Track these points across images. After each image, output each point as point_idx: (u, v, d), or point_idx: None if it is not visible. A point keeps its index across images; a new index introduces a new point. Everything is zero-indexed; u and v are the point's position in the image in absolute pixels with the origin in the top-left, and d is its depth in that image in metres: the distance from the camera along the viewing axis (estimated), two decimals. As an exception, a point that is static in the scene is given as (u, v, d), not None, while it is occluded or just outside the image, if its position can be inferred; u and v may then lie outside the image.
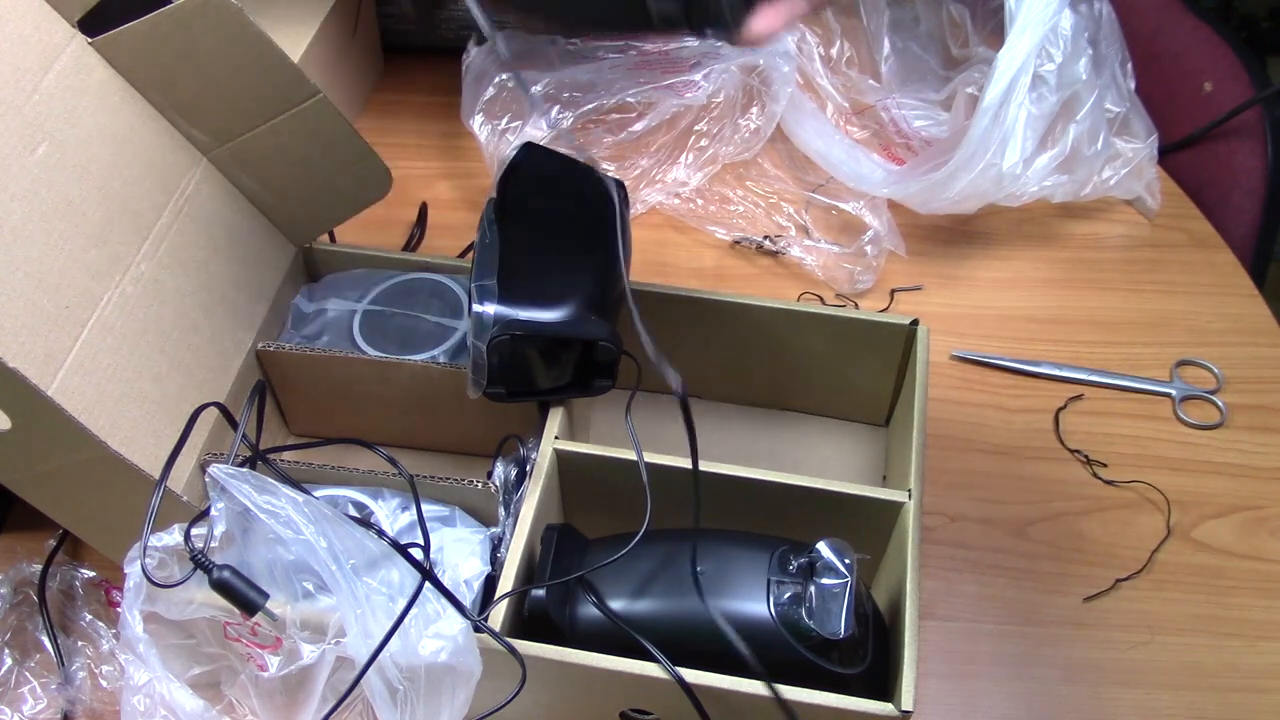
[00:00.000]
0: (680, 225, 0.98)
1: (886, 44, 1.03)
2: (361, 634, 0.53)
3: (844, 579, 0.56)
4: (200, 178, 0.72)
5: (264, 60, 0.68)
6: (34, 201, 0.60)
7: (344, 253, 0.80)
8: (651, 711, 0.60)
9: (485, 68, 0.97)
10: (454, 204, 1.00)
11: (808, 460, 0.80)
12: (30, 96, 0.62)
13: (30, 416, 0.56)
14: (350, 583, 0.54)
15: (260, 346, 0.73)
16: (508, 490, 0.66)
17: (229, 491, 0.55)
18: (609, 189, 0.72)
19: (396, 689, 0.53)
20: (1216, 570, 0.75)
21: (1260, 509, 0.78)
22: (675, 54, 1.01)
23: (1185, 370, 0.87)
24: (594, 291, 0.64)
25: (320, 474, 0.66)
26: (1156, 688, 0.69)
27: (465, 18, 1.10)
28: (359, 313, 0.77)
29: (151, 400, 0.63)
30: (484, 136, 0.94)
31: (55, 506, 0.63)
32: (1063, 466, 0.81)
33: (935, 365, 0.86)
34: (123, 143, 0.66)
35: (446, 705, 0.54)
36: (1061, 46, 0.86)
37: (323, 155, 0.73)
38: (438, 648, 0.54)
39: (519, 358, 0.64)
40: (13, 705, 0.66)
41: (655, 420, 0.81)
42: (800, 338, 0.75)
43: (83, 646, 0.68)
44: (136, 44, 0.66)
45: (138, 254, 0.66)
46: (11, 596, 0.69)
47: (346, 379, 0.74)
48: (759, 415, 0.83)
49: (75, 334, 0.60)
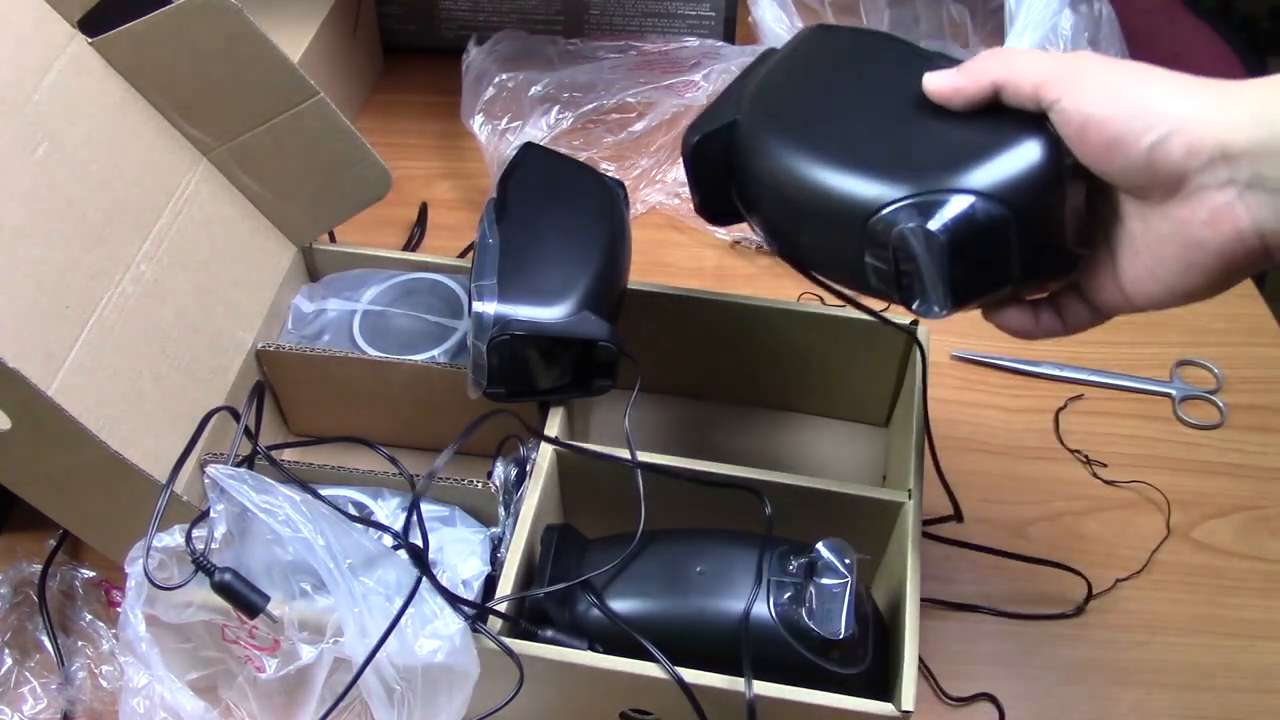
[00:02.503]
0: (680, 225, 0.98)
1: (886, 44, 1.03)
2: (359, 634, 0.53)
3: (844, 579, 0.56)
4: (200, 178, 0.72)
5: (264, 60, 0.68)
6: (34, 201, 0.60)
7: (344, 253, 0.80)
8: (651, 711, 0.60)
9: (485, 68, 0.97)
10: (454, 204, 1.00)
11: (808, 460, 0.80)
12: (30, 96, 0.62)
13: (30, 416, 0.56)
14: (348, 582, 0.54)
15: (260, 346, 0.73)
16: (508, 490, 0.66)
17: (227, 492, 0.55)
18: (609, 189, 0.72)
19: (394, 689, 0.53)
20: (1216, 570, 0.75)
21: (1260, 509, 0.78)
22: (675, 54, 1.02)
23: (1185, 370, 0.87)
24: (594, 291, 0.64)
25: (320, 474, 0.66)
26: (1156, 688, 0.69)
27: (465, 17, 1.10)
28: (359, 313, 0.77)
29: (151, 400, 0.63)
30: (484, 136, 0.94)
31: (55, 506, 0.63)
32: (1063, 466, 0.81)
33: (935, 365, 0.85)
34: (123, 143, 0.66)
35: (444, 706, 0.54)
36: (1061, 46, 0.86)
37: (323, 155, 0.73)
38: (435, 648, 0.54)
39: (519, 358, 0.64)
40: (13, 705, 0.66)
41: (655, 420, 0.81)
42: (800, 338, 0.75)
43: (83, 646, 0.68)
44: (136, 44, 0.66)
45: (138, 254, 0.66)
46: (11, 596, 0.69)
47: (346, 379, 0.74)
48: (759, 415, 0.82)
49: (75, 334, 0.60)
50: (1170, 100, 0.43)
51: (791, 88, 0.55)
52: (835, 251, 0.53)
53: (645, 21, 1.08)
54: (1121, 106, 0.44)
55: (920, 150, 0.49)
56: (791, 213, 0.53)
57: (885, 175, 0.48)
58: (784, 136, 0.53)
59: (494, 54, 0.99)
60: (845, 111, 0.53)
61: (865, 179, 0.49)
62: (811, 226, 0.53)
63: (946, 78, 0.49)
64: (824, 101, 0.54)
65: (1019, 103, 0.47)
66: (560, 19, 1.08)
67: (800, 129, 0.52)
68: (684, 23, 1.08)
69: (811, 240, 0.54)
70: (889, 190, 0.48)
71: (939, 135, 0.49)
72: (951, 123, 0.49)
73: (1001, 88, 0.47)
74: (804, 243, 0.55)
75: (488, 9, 1.09)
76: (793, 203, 0.52)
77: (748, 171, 0.55)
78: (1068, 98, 0.45)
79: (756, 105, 0.55)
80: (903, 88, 0.51)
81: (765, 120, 0.54)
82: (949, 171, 0.47)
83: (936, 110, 0.50)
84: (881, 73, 0.54)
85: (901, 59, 0.53)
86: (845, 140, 0.51)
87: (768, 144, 0.53)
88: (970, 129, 0.48)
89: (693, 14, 1.07)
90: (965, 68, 0.49)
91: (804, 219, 0.53)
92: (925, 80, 0.50)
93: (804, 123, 0.53)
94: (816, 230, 0.53)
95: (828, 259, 0.55)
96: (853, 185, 0.49)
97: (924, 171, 0.48)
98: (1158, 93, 0.44)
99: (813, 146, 0.51)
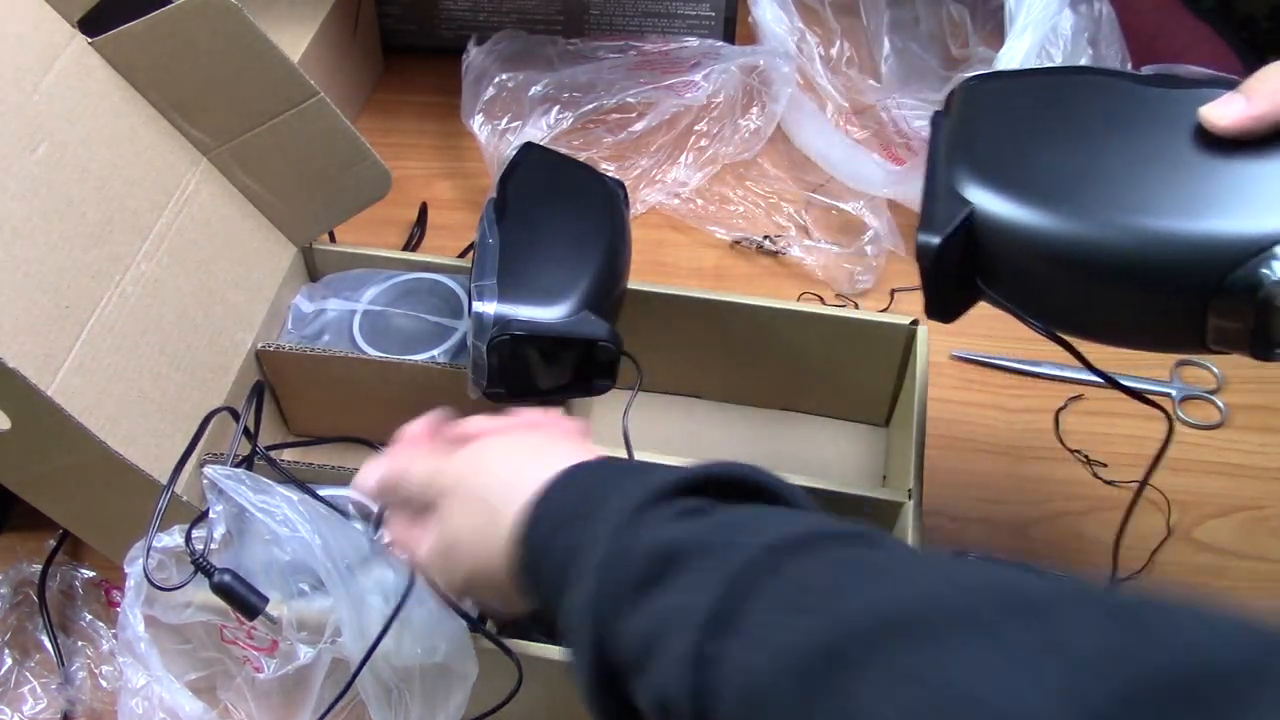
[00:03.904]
0: (680, 225, 0.98)
1: (886, 44, 1.03)
2: (357, 634, 0.53)
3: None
4: (200, 178, 0.72)
5: (264, 60, 0.68)
6: (34, 201, 0.60)
7: (344, 253, 0.80)
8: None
9: (485, 68, 0.97)
10: (454, 204, 1.00)
11: (808, 460, 0.80)
12: (30, 96, 0.62)
13: (30, 416, 0.56)
14: (346, 582, 0.54)
15: (260, 346, 0.73)
16: (507, 490, 0.66)
17: (225, 493, 0.55)
18: (609, 189, 0.72)
19: (391, 690, 0.53)
20: (1216, 570, 0.75)
21: (1260, 509, 0.78)
22: (675, 54, 1.01)
23: (1185, 370, 0.87)
24: (594, 291, 0.64)
25: (320, 474, 0.66)
26: (1156, 688, 0.69)
27: (465, 17, 1.10)
28: (359, 313, 0.77)
29: (151, 400, 0.63)
30: (484, 136, 0.94)
31: (55, 506, 0.63)
32: (1063, 466, 0.81)
33: (935, 365, 0.85)
34: (123, 143, 0.66)
35: (442, 706, 0.54)
36: (1061, 46, 0.86)
37: (323, 155, 0.73)
38: (433, 648, 0.54)
39: (519, 358, 0.64)
40: (13, 705, 0.66)
41: (656, 420, 0.81)
42: (800, 338, 0.75)
43: (83, 646, 0.68)
44: (136, 44, 0.66)
45: (138, 254, 0.66)
46: (11, 596, 0.69)
47: (346, 379, 0.74)
48: (759, 415, 0.83)
49: (75, 334, 0.60)
50: None
51: (1014, 153, 0.49)
52: (1160, 315, 0.47)
53: (645, 21, 1.08)
54: None
55: (1248, 192, 0.44)
56: (1096, 286, 0.47)
57: (1227, 225, 0.43)
58: (1061, 205, 0.46)
59: (494, 54, 0.99)
60: (1111, 163, 0.47)
61: (1206, 232, 0.43)
62: (1127, 296, 0.47)
63: (1236, 108, 0.44)
64: (1073, 160, 0.48)
65: None
66: (560, 19, 1.08)
67: (1076, 194, 0.47)
68: (684, 23, 1.08)
69: (1122, 311, 0.48)
70: (1242, 242, 0.42)
71: (1258, 172, 0.44)
72: (1257, 156, 0.44)
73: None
74: (1108, 316, 0.49)
75: (488, 9, 1.09)
76: (1100, 274, 0.46)
77: (1018, 255, 0.48)
78: None
79: (989, 182, 0.48)
80: (1150, 122, 0.47)
81: (1019, 195, 0.47)
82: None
83: (1223, 144, 0.45)
84: (1105, 111, 0.49)
85: (1107, 90, 0.49)
86: (1144, 194, 0.45)
87: (1048, 218, 0.46)
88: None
89: (693, 14, 1.07)
90: (1254, 92, 0.44)
91: (1115, 289, 0.47)
92: (1207, 113, 0.45)
93: (1072, 187, 0.47)
94: (1133, 299, 0.47)
95: (1143, 324, 0.49)
96: (1193, 241, 0.43)
97: (1267, 215, 0.43)
98: None
99: (1113, 208, 0.45)
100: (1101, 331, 0.51)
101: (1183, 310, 0.45)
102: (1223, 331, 0.45)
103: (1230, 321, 0.44)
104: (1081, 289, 0.48)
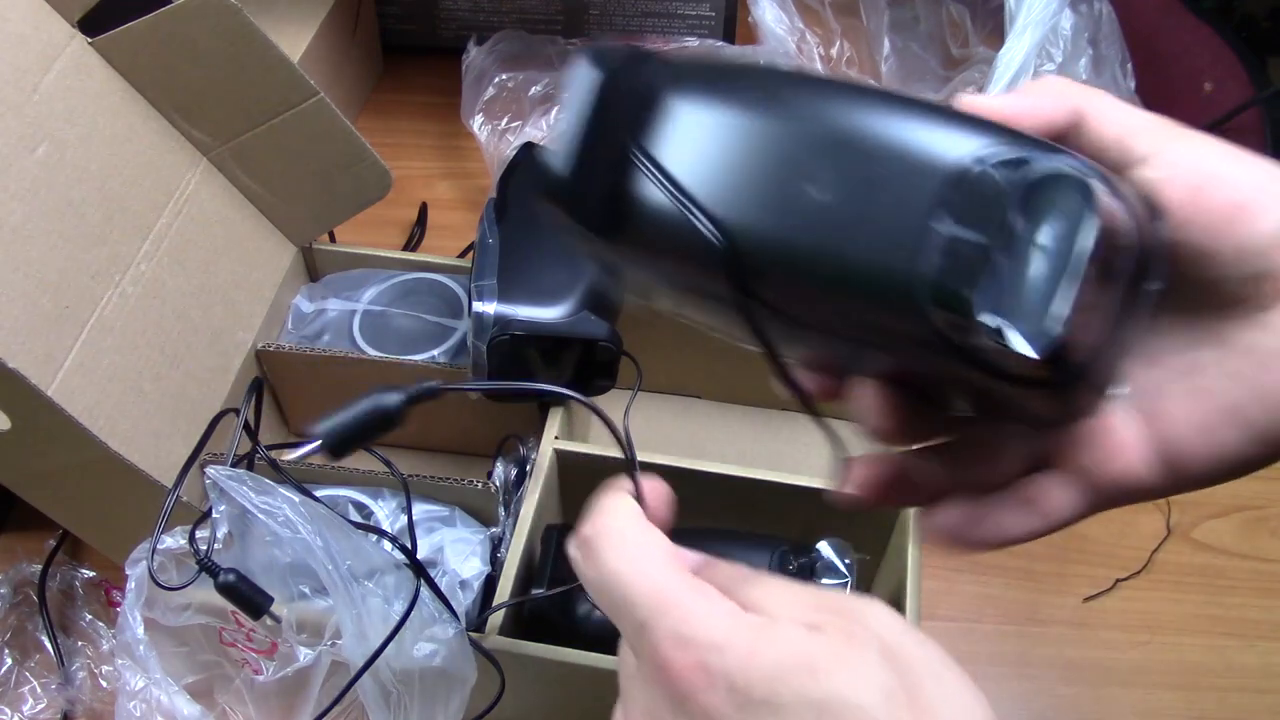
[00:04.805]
0: (680, 225, 0.98)
1: (886, 44, 1.03)
2: (357, 637, 0.53)
3: (844, 579, 0.56)
4: (200, 178, 0.72)
5: (264, 60, 0.68)
6: (34, 201, 0.60)
7: (344, 253, 0.80)
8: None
9: (485, 68, 0.97)
10: (454, 204, 1.00)
11: (808, 460, 0.80)
12: (30, 96, 0.62)
13: (30, 416, 0.56)
14: (347, 584, 0.53)
15: (260, 346, 0.73)
16: (508, 490, 0.66)
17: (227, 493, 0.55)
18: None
19: (390, 692, 0.53)
20: (1216, 570, 0.75)
21: (1260, 509, 0.78)
22: (675, 54, 1.01)
23: (1185, 370, 0.87)
24: (594, 291, 0.64)
25: (320, 474, 0.66)
26: (1156, 688, 0.69)
27: (465, 17, 1.10)
28: (359, 313, 0.77)
29: (151, 400, 0.63)
30: (484, 136, 0.94)
31: (55, 506, 0.63)
32: (1063, 467, 0.81)
33: (935, 365, 0.85)
34: (123, 143, 0.66)
35: (441, 709, 0.54)
36: (1061, 46, 0.86)
37: (323, 155, 0.73)
38: (432, 651, 0.54)
39: (519, 358, 0.64)
40: (13, 705, 0.66)
41: (656, 420, 0.81)
42: (800, 338, 0.75)
43: (83, 646, 0.68)
44: (136, 44, 0.66)
45: (138, 254, 0.66)
46: (11, 596, 0.69)
47: (346, 379, 0.74)
48: (759, 415, 0.82)
49: (75, 334, 0.60)
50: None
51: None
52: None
53: (645, 21, 1.08)
54: (1247, 168, 0.33)
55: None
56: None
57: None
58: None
59: (494, 54, 0.99)
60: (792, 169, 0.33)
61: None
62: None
63: (1007, 98, 0.34)
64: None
65: (1099, 146, 0.34)
66: (560, 19, 1.08)
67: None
68: (684, 23, 1.07)
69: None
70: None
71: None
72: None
73: (1084, 119, 0.34)
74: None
75: (488, 9, 1.08)
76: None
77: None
78: (1174, 149, 0.33)
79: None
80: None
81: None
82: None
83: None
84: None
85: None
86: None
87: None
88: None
89: (693, 14, 1.07)
90: (1029, 88, 0.35)
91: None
92: (972, 101, 0.33)
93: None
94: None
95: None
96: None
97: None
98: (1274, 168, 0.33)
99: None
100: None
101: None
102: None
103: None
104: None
